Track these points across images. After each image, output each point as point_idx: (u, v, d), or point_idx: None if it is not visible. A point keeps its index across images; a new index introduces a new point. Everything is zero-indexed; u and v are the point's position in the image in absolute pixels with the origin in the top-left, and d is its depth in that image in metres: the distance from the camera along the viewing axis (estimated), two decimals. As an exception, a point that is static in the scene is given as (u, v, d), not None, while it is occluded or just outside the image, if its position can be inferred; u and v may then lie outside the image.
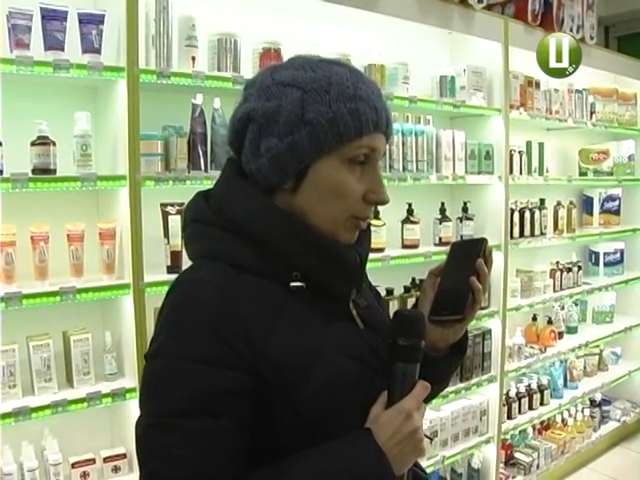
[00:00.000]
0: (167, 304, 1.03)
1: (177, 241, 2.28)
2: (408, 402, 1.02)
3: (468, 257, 1.19)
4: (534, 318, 3.96)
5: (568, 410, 4.11)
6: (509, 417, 3.63)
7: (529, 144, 3.69)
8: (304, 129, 1.01)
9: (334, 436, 0.99)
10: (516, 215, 3.52)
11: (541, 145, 3.76)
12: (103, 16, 2.11)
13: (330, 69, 1.05)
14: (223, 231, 1.04)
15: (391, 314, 1.12)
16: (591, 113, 4.08)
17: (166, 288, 1.05)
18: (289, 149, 1.02)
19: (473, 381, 3.31)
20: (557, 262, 4.00)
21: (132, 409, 2.18)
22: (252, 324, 0.98)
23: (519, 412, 3.70)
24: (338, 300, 1.10)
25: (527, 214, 3.59)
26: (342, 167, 1.03)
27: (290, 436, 1.00)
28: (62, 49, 2.05)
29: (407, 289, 3.10)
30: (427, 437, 1.16)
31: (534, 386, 3.81)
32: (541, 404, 3.86)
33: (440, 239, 3.22)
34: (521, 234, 3.56)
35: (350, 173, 1.04)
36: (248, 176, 1.08)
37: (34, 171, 2.01)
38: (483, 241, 1.21)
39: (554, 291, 3.90)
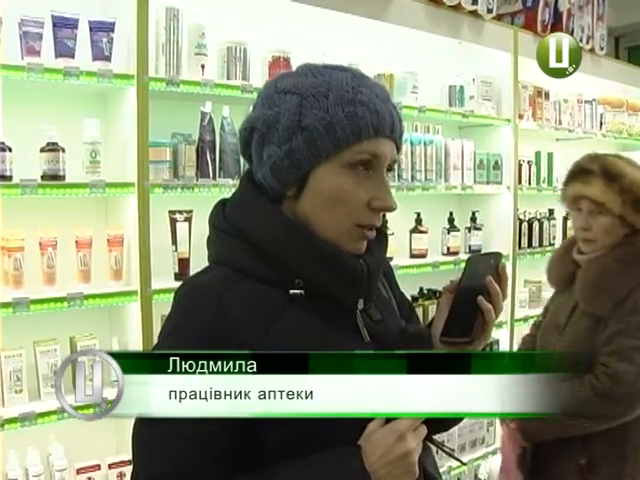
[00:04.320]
0: (172, 304, 1.06)
1: (185, 248, 2.28)
2: (402, 422, 0.96)
3: (481, 274, 1.11)
4: (542, 329, 3.93)
5: (576, 422, 4.07)
6: (516, 428, 3.60)
7: (538, 154, 3.67)
8: (301, 135, 1.00)
9: (327, 449, 0.96)
10: (525, 225, 3.51)
11: (550, 155, 3.74)
12: (113, 24, 2.13)
13: (331, 74, 1.04)
14: (230, 237, 1.06)
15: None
16: (600, 124, 4.06)
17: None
18: (287, 156, 1.01)
19: (480, 392, 3.29)
20: (566, 273, 3.96)
21: (138, 416, 2.17)
22: (245, 330, 0.98)
23: (526, 423, 3.67)
24: (341, 309, 1.06)
25: (536, 224, 3.58)
26: (342, 173, 1.02)
27: (278, 447, 0.98)
28: (72, 56, 2.06)
29: (415, 299, 3.09)
30: (445, 452, 1.11)
31: (542, 397, 3.78)
32: (549, 416, 3.82)
33: (448, 249, 3.21)
34: (529, 244, 3.55)
35: (351, 179, 1.02)
36: (259, 185, 1.08)
37: (43, 177, 2.01)
38: (497, 256, 1.14)
39: (563, 302, 3.87)
